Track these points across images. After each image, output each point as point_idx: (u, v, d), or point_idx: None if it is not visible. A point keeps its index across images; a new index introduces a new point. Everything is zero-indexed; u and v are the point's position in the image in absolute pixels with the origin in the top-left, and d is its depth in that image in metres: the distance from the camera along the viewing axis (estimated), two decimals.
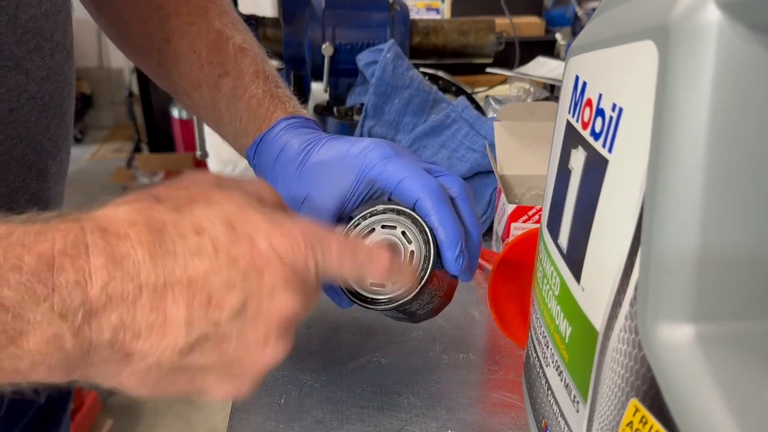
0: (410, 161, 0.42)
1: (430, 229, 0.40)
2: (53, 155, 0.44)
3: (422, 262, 0.40)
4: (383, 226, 0.41)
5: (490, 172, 0.75)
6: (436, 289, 0.42)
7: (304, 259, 0.28)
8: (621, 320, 0.24)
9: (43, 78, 0.41)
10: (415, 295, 0.39)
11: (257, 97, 0.48)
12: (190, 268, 0.26)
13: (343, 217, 0.44)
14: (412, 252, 0.40)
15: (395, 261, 0.33)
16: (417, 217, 0.41)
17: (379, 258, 0.32)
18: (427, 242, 0.40)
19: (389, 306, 0.40)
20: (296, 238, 0.28)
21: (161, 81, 0.55)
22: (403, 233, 0.41)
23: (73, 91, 0.46)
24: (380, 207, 0.42)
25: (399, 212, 0.41)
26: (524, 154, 0.67)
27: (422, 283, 0.39)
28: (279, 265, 0.28)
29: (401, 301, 0.39)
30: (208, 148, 1.13)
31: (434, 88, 0.87)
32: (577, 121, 0.30)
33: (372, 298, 0.40)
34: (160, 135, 3.35)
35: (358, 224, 0.42)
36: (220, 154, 1.57)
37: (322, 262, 0.29)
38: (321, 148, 0.44)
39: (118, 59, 4.02)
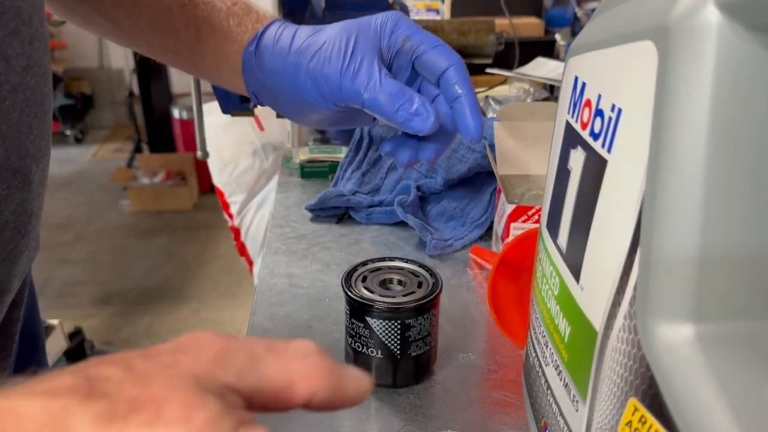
0: None
1: (436, 272, 0.47)
2: (36, 160, 0.41)
3: (430, 287, 0.46)
4: (390, 268, 0.48)
5: (490, 172, 0.75)
6: (433, 327, 0.46)
7: None
8: (620, 320, 0.24)
9: (24, 68, 0.38)
10: (419, 306, 0.44)
11: (240, 4, 0.46)
12: None
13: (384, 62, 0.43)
14: (420, 282, 0.46)
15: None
16: (421, 264, 0.48)
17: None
18: (433, 275, 0.47)
19: (392, 308, 0.43)
20: None
21: (115, 25, 0.50)
22: (410, 272, 0.48)
23: (51, 89, 0.43)
24: (386, 258, 0.50)
25: (405, 260, 0.49)
26: (524, 154, 0.67)
27: (431, 297, 0.44)
28: None
29: (407, 307, 0.44)
30: (209, 148, 1.13)
31: None
32: (576, 121, 0.30)
33: (376, 300, 0.44)
34: (160, 135, 3.35)
35: (366, 264, 0.48)
36: (221, 155, 1.57)
37: None
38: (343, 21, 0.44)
39: (118, 59, 4.02)
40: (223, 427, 0.19)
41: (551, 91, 1.13)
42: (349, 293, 0.44)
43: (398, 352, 0.44)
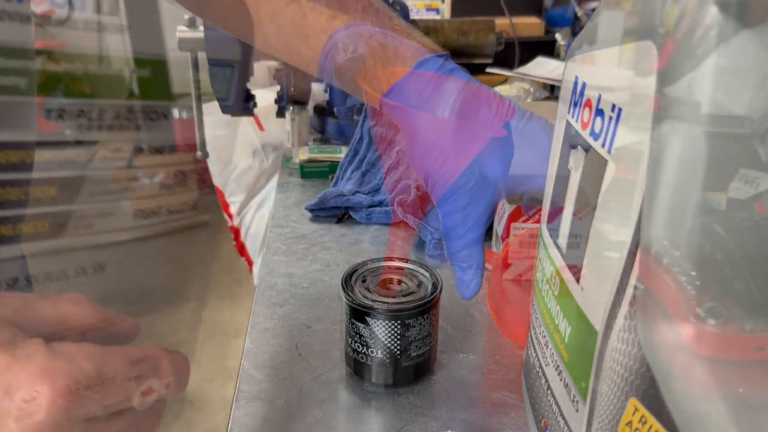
0: None
1: (435, 272, 0.47)
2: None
3: (430, 287, 0.46)
4: (389, 268, 0.48)
5: None
6: (433, 327, 0.46)
7: (56, 408, 0.21)
8: (620, 320, 0.24)
9: None
10: (419, 307, 0.44)
11: (376, 37, 0.44)
12: None
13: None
14: (420, 282, 0.47)
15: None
16: (421, 264, 0.48)
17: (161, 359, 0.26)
18: (433, 275, 0.47)
19: (395, 309, 0.43)
20: (49, 376, 0.21)
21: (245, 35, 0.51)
22: (410, 272, 0.48)
23: (35, 81, 0.39)
24: (386, 259, 0.50)
25: (405, 260, 0.49)
26: None
27: (431, 297, 0.44)
28: (11, 417, 0.21)
29: (409, 310, 0.44)
30: (209, 148, 1.13)
31: None
32: (576, 121, 0.30)
33: (376, 300, 0.44)
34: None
35: (366, 264, 0.48)
36: (221, 155, 1.57)
37: (97, 402, 0.23)
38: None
39: (118, 59, 4.02)
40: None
41: (551, 90, 1.13)
42: (348, 294, 0.44)
43: (398, 352, 0.44)
